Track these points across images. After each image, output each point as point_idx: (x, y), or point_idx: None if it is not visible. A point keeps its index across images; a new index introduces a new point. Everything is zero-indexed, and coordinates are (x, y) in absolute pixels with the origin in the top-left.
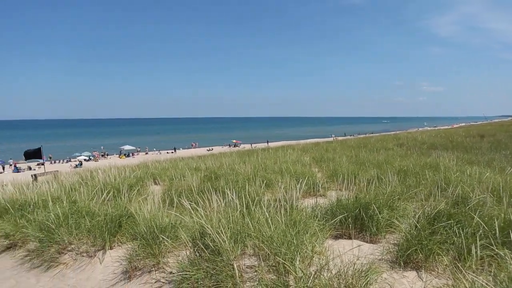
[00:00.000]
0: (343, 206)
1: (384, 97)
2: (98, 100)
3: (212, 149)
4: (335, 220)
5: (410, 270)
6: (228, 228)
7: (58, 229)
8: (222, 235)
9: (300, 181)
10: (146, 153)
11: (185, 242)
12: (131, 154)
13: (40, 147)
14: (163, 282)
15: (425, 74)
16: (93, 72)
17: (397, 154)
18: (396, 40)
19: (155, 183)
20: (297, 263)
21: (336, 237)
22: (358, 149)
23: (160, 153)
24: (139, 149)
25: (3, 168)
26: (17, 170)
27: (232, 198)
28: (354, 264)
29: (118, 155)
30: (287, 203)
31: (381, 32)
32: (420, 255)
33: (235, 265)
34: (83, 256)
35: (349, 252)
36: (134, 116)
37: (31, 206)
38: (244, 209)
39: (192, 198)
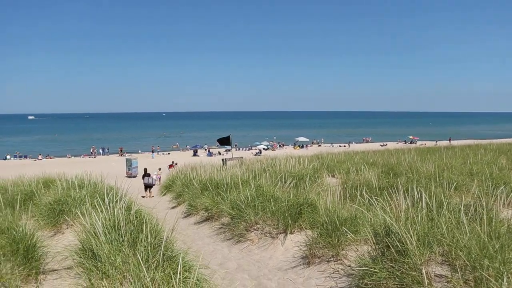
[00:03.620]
0: None
1: None
2: (273, 93)
3: (386, 144)
4: None
5: None
6: (414, 230)
7: (247, 209)
8: (410, 236)
9: (502, 187)
10: (319, 145)
11: (365, 237)
12: (305, 146)
13: (229, 135)
14: (342, 274)
15: None
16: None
17: None
18: None
19: (331, 175)
20: (505, 281)
21: None
22: None
23: (332, 146)
24: (314, 141)
25: (196, 152)
26: (210, 154)
27: (417, 197)
28: None
29: (293, 146)
30: (483, 210)
31: None
32: None
33: (423, 270)
34: (266, 236)
35: None
36: (308, 110)
37: (225, 186)
38: (435, 211)
39: (372, 193)
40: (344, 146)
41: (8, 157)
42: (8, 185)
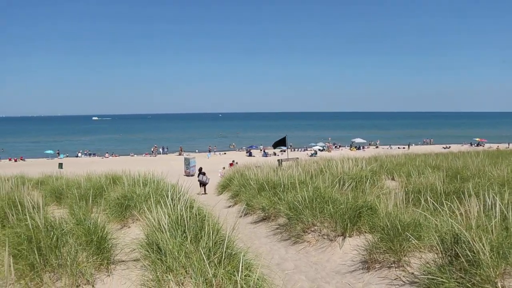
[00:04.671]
0: None
1: None
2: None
3: (450, 146)
4: None
5: None
6: (487, 239)
7: (304, 210)
8: (482, 245)
9: None
10: (377, 147)
11: (430, 244)
12: (361, 147)
13: (285, 136)
14: (404, 282)
15: None
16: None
17: None
18: None
19: (390, 178)
20: None
21: None
22: None
23: (390, 148)
24: (371, 142)
25: (249, 153)
26: (265, 154)
27: (489, 204)
28: None
29: (349, 147)
30: None
31: None
32: None
33: (499, 284)
34: (324, 238)
35: None
36: (360, 110)
37: (282, 187)
38: (510, 219)
39: (436, 198)
40: (403, 148)
41: (79, 154)
42: (81, 181)
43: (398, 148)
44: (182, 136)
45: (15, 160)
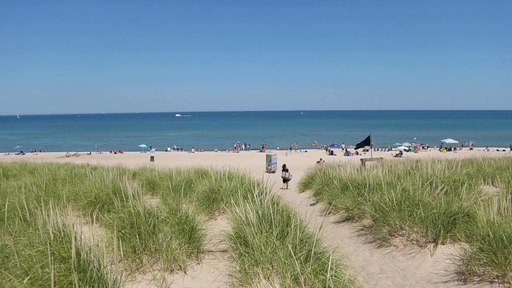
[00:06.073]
0: None
1: None
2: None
3: None
4: None
5: None
6: None
7: (391, 212)
8: None
9: None
10: (471, 149)
11: None
12: (452, 149)
13: (369, 136)
14: None
15: None
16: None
17: None
18: None
19: (490, 184)
20: None
21: None
22: None
23: (487, 150)
24: (464, 143)
25: (331, 152)
26: (347, 153)
27: None
28: None
29: (438, 148)
30: None
31: None
32: None
33: None
34: (413, 243)
35: None
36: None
37: (367, 187)
38: None
39: None
40: (503, 150)
41: (168, 149)
42: (172, 174)
43: (497, 150)
44: (264, 133)
45: (115, 153)
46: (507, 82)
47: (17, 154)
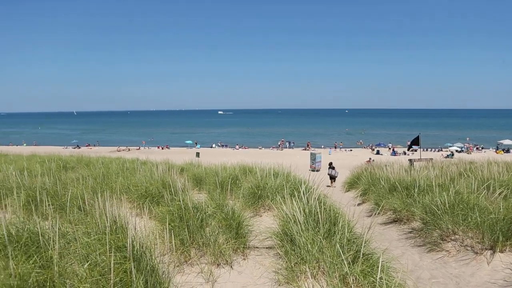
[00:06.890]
0: None
1: None
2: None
3: None
4: None
5: None
6: None
7: (443, 215)
8: None
9: None
10: None
11: None
12: (510, 150)
13: (418, 135)
14: None
15: None
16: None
17: None
18: None
19: None
20: None
21: None
22: None
23: None
24: None
25: (377, 151)
26: (394, 153)
27: None
28: None
29: (494, 150)
30: None
31: None
32: None
33: None
34: (467, 249)
35: None
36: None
37: (416, 188)
38: None
39: None
40: None
41: (213, 145)
42: (218, 170)
43: None
44: (308, 131)
45: (162, 148)
46: None
47: (74, 148)
